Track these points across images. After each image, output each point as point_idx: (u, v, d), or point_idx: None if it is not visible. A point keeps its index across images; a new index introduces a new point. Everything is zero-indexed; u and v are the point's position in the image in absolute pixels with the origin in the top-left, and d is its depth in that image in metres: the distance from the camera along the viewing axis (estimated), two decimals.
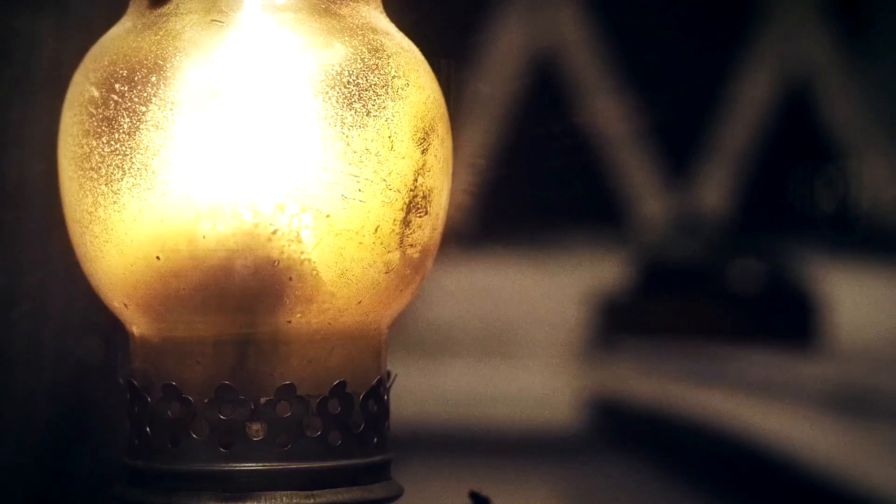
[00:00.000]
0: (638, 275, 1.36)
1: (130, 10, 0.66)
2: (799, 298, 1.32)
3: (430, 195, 0.58)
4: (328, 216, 0.58)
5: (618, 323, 1.33)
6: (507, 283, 1.44)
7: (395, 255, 0.58)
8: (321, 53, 0.59)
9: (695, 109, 1.57)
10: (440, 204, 0.60)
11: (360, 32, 0.59)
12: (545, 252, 1.55)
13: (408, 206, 0.58)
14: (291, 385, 0.60)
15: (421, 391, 1.20)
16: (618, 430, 1.22)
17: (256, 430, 0.61)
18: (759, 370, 1.18)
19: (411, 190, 0.58)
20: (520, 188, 1.67)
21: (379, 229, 0.57)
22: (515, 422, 1.22)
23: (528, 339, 1.46)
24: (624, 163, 1.48)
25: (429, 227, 0.59)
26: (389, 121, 0.58)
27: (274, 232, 0.59)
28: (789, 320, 1.32)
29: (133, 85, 0.62)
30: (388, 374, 0.62)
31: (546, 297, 1.45)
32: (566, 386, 1.22)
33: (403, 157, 0.58)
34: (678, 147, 1.55)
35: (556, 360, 1.37)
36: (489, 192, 1.61)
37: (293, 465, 0.60)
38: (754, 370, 1.18)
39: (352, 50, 0.59)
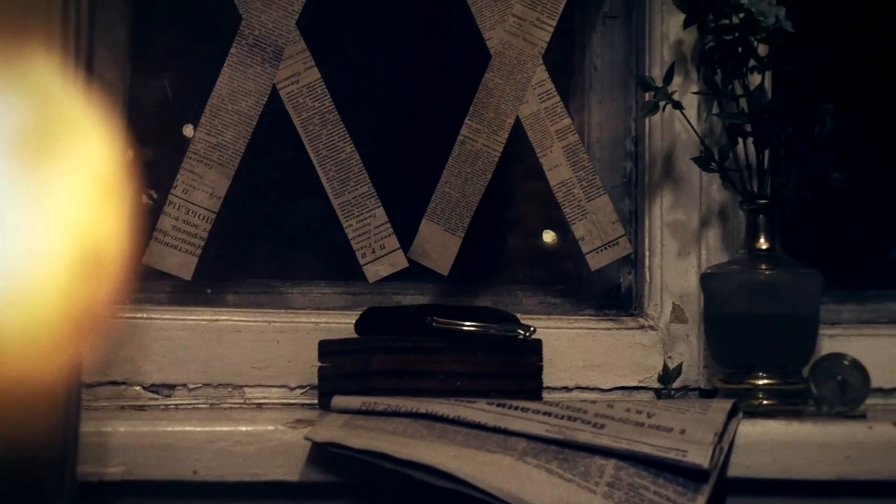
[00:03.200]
0: (365, 326, 1.38)
1: None
2: (520, 349, 1.35)
3: (105, 248, 0.56)
4: None
5: (345, 374, 1.34)
6: (236, 332, 1.43)
7: (73, 307, 0.56)
8: None
9: (425, 155, 1.60)
10: (118, 256, 0.58)
11: (36, 88, 0.58)
12: (275, 302, 1.55)
13: (83, 258, 0.56)
14: None
15: (143, 446, 1.17)
16: (342, 480, 1.22)
17: None
18: (480, 418, 1.20)
19: (86, 243, 0.56)
20: (251, 237, 1.66)
21: (54, 282, 0.55)
22: (241, 474, 1.20)
23: (256, 389, 1.45)
24: (353, 214, 1.49)
25: (106, 279, 0.57)
26: (63, 175, 0.56)
27: None
28: (511, 371, 1.35)
29: None
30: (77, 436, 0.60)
31: (276, 347, 1.44)
32: (294, 437, 1.22)
33: (79, 211, 0.56)
34: (408, 197, 1.57)
35: (284, 412, 1.36)
36: (218, 242, 1.60)
37: None
38: (477, 419, 1.20)
39: (27, 105, 0.57)
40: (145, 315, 1.41)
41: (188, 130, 1.51)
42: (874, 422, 1.32)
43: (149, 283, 1.48)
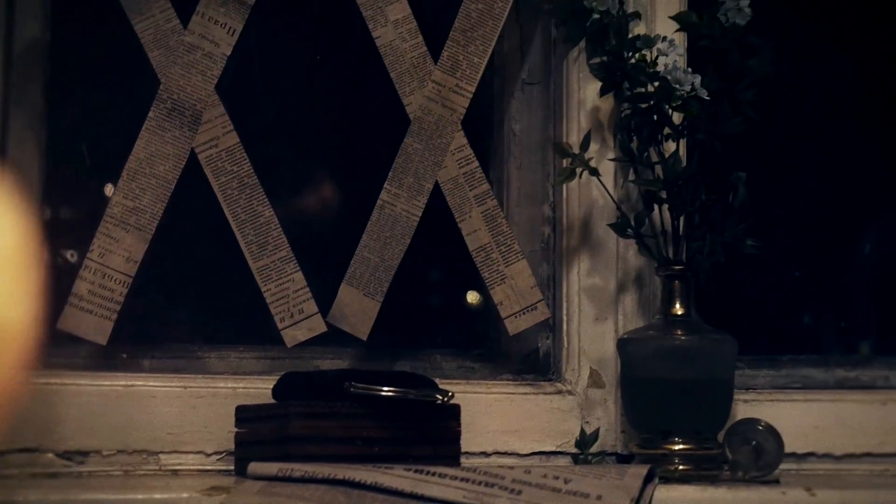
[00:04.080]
0: (283, 391, 1.37)
1: None
2: (438, 415, 1.35)
3: (15, 315, 0.56)
4: None
5: (263, 440, 1.33)
6: (151, 398, 1.41)
7: None
8: None
9: (344, 219, 1.60)
10: (29, 322, 0.57)
11: None
12: (192, 367, 1.53)
13: None
14: None
15: None
16: None
17: None
18: (397, 484, 1.20)
19: None
20: (168, 301, 1.65)
21: None
22: None
23: (171, 456, 1.43)
24: (272, 279, 1.49)
25: (17, 345, 0.57)
26: None
27: None
28: (429, 437, 1.35)
29: None
30: None
31: (193, 413, 1.42)
32: None
33: None
34: (327, 261, 1.57)
35: (200, 478, 1.34)
36: (134, 306, 1.58)
37: None
38: (394, 485, 1.20)
39: None
40: (59, 380, 1.40)
41: (109, 190, 1.50)
42: (787, 487, 1.33)
43: (64, 348, 1.46)
